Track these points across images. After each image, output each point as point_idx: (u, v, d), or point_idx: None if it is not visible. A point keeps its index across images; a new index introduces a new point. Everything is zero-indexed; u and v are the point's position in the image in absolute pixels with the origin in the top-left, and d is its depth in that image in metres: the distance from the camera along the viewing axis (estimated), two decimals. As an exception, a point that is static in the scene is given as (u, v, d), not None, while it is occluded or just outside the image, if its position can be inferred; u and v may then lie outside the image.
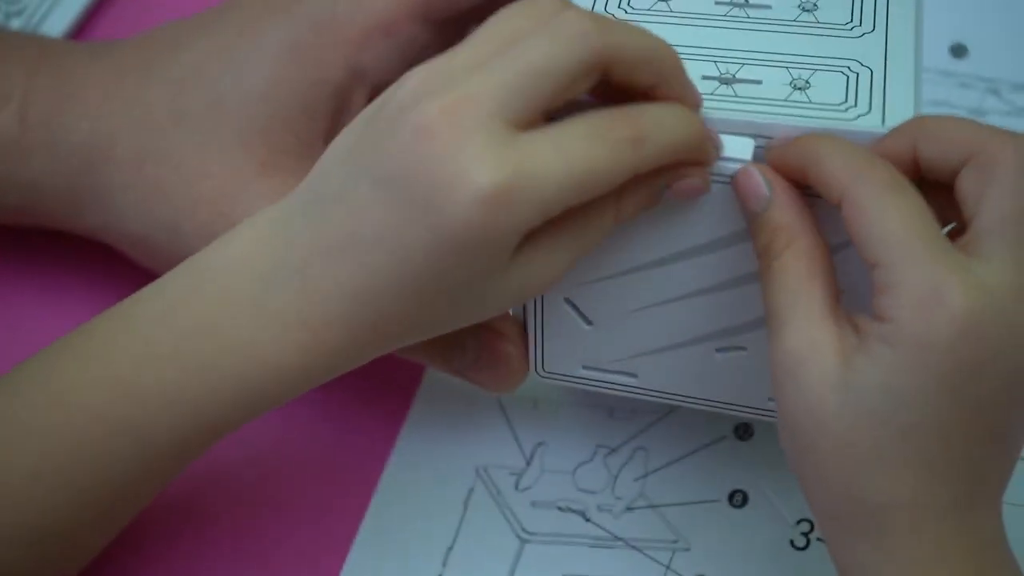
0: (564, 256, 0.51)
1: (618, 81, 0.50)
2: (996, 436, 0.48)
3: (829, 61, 0.54)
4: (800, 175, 0.51)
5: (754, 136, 0.52)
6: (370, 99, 0.56)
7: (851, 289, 0.51)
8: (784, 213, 0.50)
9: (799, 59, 0.53)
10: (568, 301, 0.56)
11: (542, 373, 0.59)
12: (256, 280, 0.50)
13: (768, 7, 0.56)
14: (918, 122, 0.51)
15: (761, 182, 0.51)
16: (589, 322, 0.56)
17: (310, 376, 0.52)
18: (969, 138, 0.49)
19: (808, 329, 0.48)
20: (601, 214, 0.51)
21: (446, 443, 0.63)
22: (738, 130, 0.52)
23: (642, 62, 0.50)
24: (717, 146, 0.52)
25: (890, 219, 0.47)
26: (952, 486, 0.48)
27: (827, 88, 0.53)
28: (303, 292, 0.50)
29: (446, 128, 0.47)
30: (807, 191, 0.51)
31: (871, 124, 0.52)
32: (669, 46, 0.50)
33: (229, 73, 0.59)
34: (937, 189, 0.50)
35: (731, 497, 0.62)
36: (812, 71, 0.53)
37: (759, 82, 0.53)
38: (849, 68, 0.53)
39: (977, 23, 0.74)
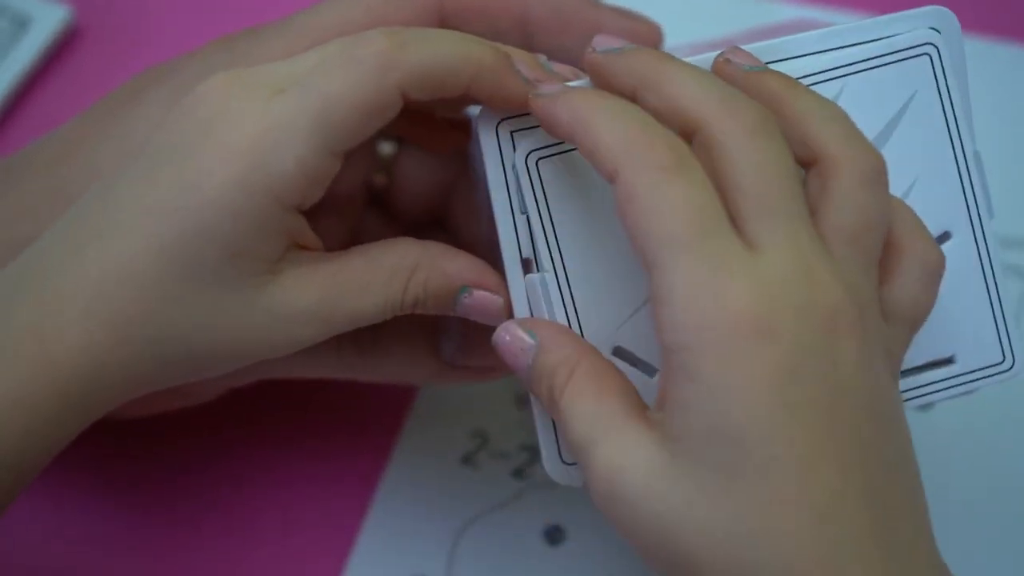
0: (342, 293, 0.50)
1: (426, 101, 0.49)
2: (864, 453, 0.45)
3: None
4: (568, 132, 0.48)
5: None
6: None
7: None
8: (558, 350, 0.48)
9: None
10: (619, 350, 0.50)
11: None
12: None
13: None
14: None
15: (524, 335, 0.49)
16: (653, 370, 0.50)
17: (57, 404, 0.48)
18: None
19: (618, 441, 0.46)
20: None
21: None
22: None
23: (446, 74, 0.48)
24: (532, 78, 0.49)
25: (660, 213, 0.45)
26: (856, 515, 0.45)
27: None
28: (39, 303, 0.48)
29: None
30: None
31: None
32: (484, 45, 0.49)
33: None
34: None
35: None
36: None
37: None
38: None
39: None
